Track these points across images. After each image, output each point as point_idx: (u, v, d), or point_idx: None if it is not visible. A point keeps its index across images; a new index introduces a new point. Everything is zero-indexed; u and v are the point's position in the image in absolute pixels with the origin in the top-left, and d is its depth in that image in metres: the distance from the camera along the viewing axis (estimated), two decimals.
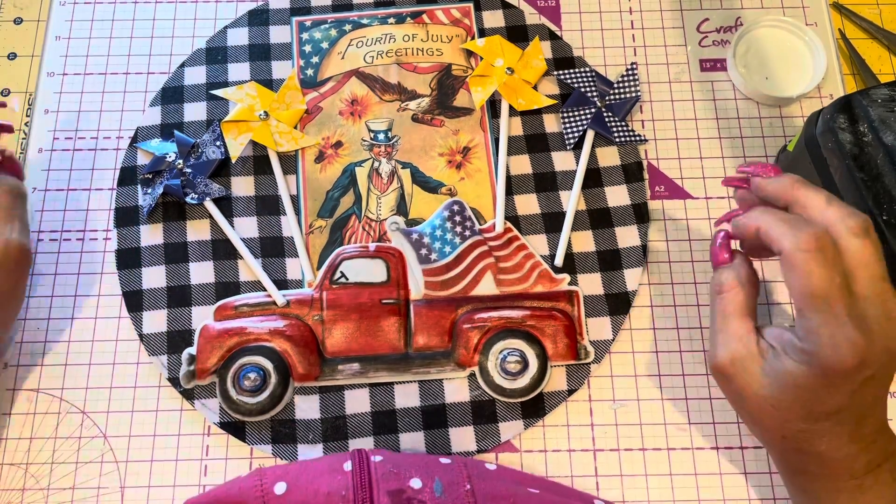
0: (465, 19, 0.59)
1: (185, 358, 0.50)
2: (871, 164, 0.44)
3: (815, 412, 0.37)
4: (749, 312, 0.40)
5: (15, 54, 0.59)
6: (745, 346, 0.39)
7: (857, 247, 0.36)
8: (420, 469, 0.41)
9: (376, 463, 0.41)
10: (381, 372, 0.50)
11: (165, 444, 0.49)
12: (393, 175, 0.55)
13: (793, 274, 0.36)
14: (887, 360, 0.36)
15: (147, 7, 0.60)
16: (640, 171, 0.55)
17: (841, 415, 0.37)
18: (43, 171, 0.55)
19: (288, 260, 0.53)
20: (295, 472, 0.41)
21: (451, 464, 0.43)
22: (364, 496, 0.39)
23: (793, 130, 0.56)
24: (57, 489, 0.48)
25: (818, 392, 0.37)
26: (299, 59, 0.58)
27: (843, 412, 0.37)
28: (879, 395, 0.39)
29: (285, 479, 0.40)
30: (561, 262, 0.52)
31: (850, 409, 0.37)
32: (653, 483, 0.48)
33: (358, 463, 0.41)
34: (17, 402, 0.50)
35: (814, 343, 0.36)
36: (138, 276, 0.52)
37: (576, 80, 0.57)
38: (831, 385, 0.36)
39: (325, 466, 0.42)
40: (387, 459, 0.42)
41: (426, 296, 0.51)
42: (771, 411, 0.38)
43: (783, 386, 0.37)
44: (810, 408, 0.37)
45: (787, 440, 0.39)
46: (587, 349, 0.50)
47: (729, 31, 0.60)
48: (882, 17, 0.60)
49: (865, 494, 0.39)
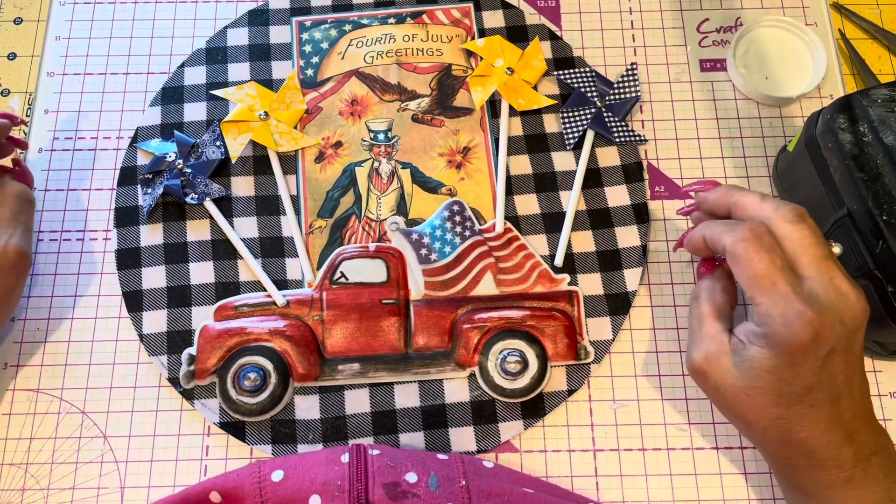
0: (465, 19, 0.59)
1: (185, 358, 0.50)
2: (871, 164, 0.44)
3: (785, 395, 0.39)
4: (723, 316, 0.42)
5: (15, 54, 0.59)
6: (717, 343, 0.41)
7: (793, 232, 0.39)
8: (416, 464, 0.42)
9: (373, 456, 0.42)
10: (381, 372, 0.50)
11: (165, 444, 0.49)
12: (393, 175, 0.55)
13: (736, 264, 0.39)
14: (843, 333, 0.38)
15: (147, 7, 0.60)
16: (640, 171, 0.55)
17: (812, 395, 0.39)
18: (43, 171, 0.55)
19: (288, 260, 0.53)
20: (293, 461, 0.42)
21: (447, 460, 0.43)
22: (359, 487, 0.40)
23: (793, 130, 0.56)
24: (57, 489, 0.48)
25: (784, 373, 0.38)
26: (299, 59, 0.58)
27: (813, 392, 0.39)
28: (850, 375, 0.39)
29: (283, 468, 0.41)
30: (561, 262, 0.52)
31: (820, 389, 0.39)
32: (653, 483, 0.48)
33: (355, 455, 0.42)
34: (17, 402, 0.50)
35: (768, 325, 0.38)
36: (138, 276, 0.52)
37: (576, 80, 0.57)
38: (794, 363, 0.38)
39: (322, 457, 0.42)
40: (384, 453, 0.43)
41: (426, 296, 0.51)
42: (747, 400, 0.40)
43: (752, 373, 0.39)
44: (780, 391, 0.39)
45: (768, 431, 0.40)
46: (587, 349, 0.50)
47: (729, 31, 0.60)
48: (882, 17, 0.60)
49: (855, 489, 0.39)
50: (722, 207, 0.43)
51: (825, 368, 0.38)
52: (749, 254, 0.38)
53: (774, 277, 0.38)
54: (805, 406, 0.39)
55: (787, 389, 0.39)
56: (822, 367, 0.38)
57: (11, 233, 0.47)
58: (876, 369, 0.51)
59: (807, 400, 0.39)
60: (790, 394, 0.39)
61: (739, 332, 0.41)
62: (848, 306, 0.38)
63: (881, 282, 0.43)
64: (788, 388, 0.39)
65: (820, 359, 0.38)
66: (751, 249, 0.38)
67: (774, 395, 0.39)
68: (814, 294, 0.38)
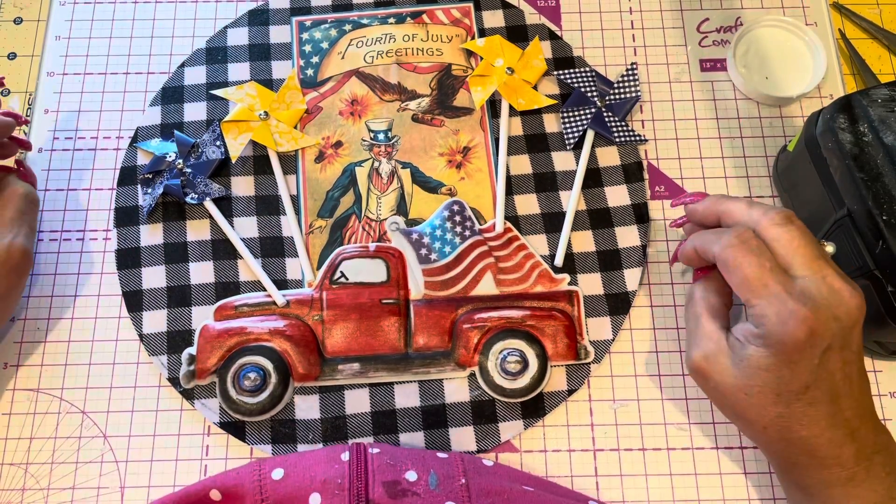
0: (465, 19, 0.59)
1: (185, 358, 0.50)
2: (871, 164, 0.44)
3: (784, 393, 0.39)
4: (719, 315, 0.43)
5: (15, 54, 0.59)
6: (716, 343, 0.42)
7: (783, 234, 0.39)
8: (416, 462, 0.42)
9: (373, 455, 0.42)
10: (381, 372, 0.50)
11: (165, 444, 0.49)
12: (393, 175, 0.55)
13: (728, 271, 0.40)
14: (839, 329, 0.38)
15: (147, 7, 0.60)
16: (640, 171, 0.55)
17: (810, 393, 0.39)
18: (43, 171, 0.55)
19: (288, 260, 0.53)
20: (293, 460, 0.42)
21: (447, 458, 0.43)
22: (359, 485, 0.40)
23: (793, 130, 0.56)
24: (57, 489, 0.48)
25: (782, 372, 0.39)
26: (299, 59, 0.58)
27: (811, 390, 0.39)
28: (848, 373, 0.39)
29: (283, 466, 0.41)
30: (561, 262, 0.52)
31: (817, 387, 0.39)
32: (653, 483, 0.48)
33: (355, 454, 0.42)
34: (17, 402, 0.50)
35: (765, 325, 0.39)
36: (138, 276, 0.52)
37: (576, 80, 0.57)
38: (791, 362, 0.38)
39: (323, 456, 0.42)
40: (384, 452, 0.43)
41: (426, 296, 0.51)
42: (746, 399, 0.40)
43: (750, 372, 0.39)
44: (779, 390, 0.39)
45: (769, 429, 0.40)
46: (587, 349, 0.50)
47: (729, 31, 0.60)
48: (882, 17, 0.60)
49: (857, 487, 0.39)
50: (711, 217, 0.44)
51: (822, 366, 0.38)
52: (738, 259, 0.39)
53: (765, 279, 0.38)
54: (804, 404, 0.39)
55: (786, 388, 0.39)
56: (819, 365, 0.38)
57: (17, 232, 0.47)
58: (876, 369, 0.51)
59: (805, 398, 0.39)
60: (789, 392, 0.39)
61: (737, 332, 0.41)
62: (842, 303, 0.38)
63: (881, 282, 0.43)
64: (787, 386, 0.39)
65: (817, 356, 0.38)
66: (739, 255, 0.39)
67: (773, 393, 0.39)
68: (806, 292, 0.38)
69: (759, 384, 0.39)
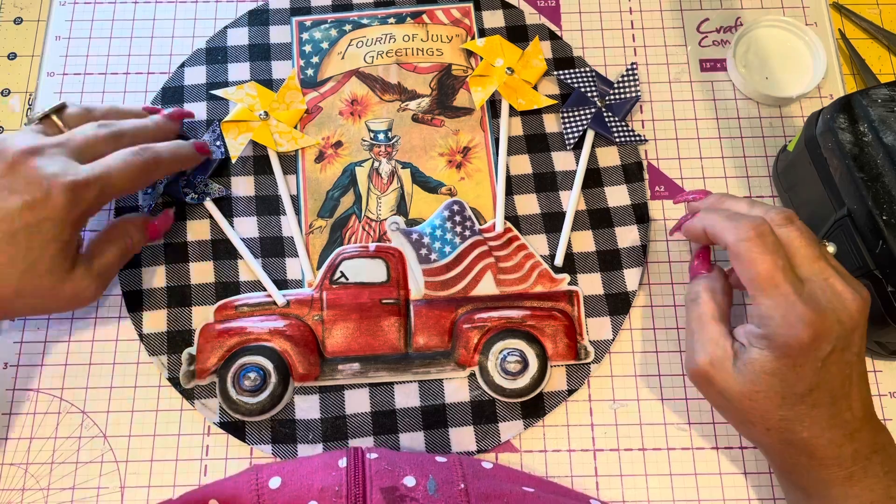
0: (465, 19, 0.59)
1: (185, 358, 0.50)
2: (871, 164, 0.44)
3: (788, 396, 0.39)
4: (724, 318, 0.42)
5: (15, 54, 0.59)
6: (721, 347, 0.41)
7: (785, 235, 0.40)
8: (415, 467, 0.42)
9: (371, 460, 0.42)
10: (381, 372, 0.50)
11: (165, 444, 0.49)
12: (393, 175, 0.55)
13: (740, 263, 0.39)
14: (842, 333, 0.38)
15: (147, 7, 0.60)
16: (640, 171, 0.55)
17: (813, 396, 0.39)
18: None
19: (288, 260, 0.53)
20: (291, 467, 0.42)
21: (446, 462, 0.43)
22: (357, 492, 0.39)
23: (793, 130, 0.56)
24: (57, 489, 0.48)
25: (786, 375, 0.39)
26: (299, 59, 0.58)
27: (814, 392, 0.39)
28: (849, 374, 0.39)
29: (280, 475, 0.41)
30: (561, 262, 0.52)
31: (820, 389, 0.39)
32: (653, 483, 0.48)
33: (353, 460, 0.41)
34: (17, 402, 0.50)
35: (770, 326, 0.38)
36: (138, 276, 0.52)
37: (576, 80, 0.57)
38: (795, 365, 0.38)
39: (320, 462, 0.42)
40: (382, 457, 0.42)
41: (426, 296, 0.51)
42: (750, 404, 0.40)
43: (754, 376, 0.39)
44: (783, 393, 0.39)
45: (771, 432, 0.40)
46: (587, 349, 0.50)
47: (729, 31, 0.60)
48: (882, 17, 0.60)
49: (855, 486, 0.40)
50: None
51: (825, 368, 0.38)
52: (752, 254, 0.39)
53: (777, 279, 0.38)
54: (807, 406, 0.39)
55: (791, 391, 0.39)
56: (822, 368, 0.38)
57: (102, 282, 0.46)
58: (876, 369, 0.51)
59: (808, 400, 0.39)
60: (793, 395, 0.39)
61: (739, 334, 0.41)
62: (844, 306, 0.38)
63: (881, 282, 0.43)
64: (791, 389, 0.39)
65: (821, 359, 0.38)
66: (755, 250, 0.39)
67: (778, 397, 0.39)
68: (814, 296, 0.38)
69: (764, 388, 0.39)
